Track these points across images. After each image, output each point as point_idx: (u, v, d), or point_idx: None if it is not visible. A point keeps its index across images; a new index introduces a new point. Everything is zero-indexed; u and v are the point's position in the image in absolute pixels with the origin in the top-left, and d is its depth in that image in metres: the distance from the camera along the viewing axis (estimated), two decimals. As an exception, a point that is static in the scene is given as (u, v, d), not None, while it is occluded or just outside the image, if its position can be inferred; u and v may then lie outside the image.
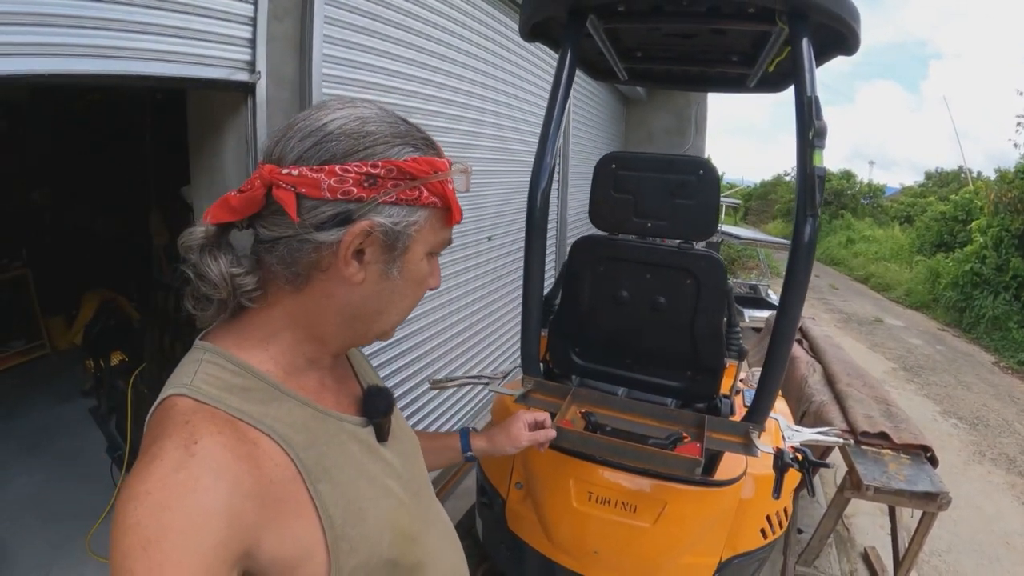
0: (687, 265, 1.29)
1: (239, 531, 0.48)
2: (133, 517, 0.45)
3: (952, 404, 5.21)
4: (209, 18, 1.45)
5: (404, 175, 0.57)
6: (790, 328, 1.11)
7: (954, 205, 11.46)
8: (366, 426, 0.69)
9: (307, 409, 0.61)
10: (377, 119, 0.59)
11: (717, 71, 2.00)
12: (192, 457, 0.48)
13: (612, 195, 1.35)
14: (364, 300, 0.61)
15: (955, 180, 17.67)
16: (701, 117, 7.21)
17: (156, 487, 0.46)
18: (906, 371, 6.11)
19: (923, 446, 2.27)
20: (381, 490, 0.66)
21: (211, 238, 0.58)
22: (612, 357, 1.44)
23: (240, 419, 0.54)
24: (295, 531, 0.54)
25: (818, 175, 0.99)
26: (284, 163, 0.56)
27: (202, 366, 0.57)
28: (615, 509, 1.33)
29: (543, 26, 1.48)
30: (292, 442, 0.57)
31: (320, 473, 0.58)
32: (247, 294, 0.59)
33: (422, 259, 0.63)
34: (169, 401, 0.54)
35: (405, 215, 0.59)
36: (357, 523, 0.60)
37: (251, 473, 0.51)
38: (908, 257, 12.06)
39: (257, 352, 0.60)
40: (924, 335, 7.93)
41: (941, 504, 1.99)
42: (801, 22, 1.10)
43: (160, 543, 0.44)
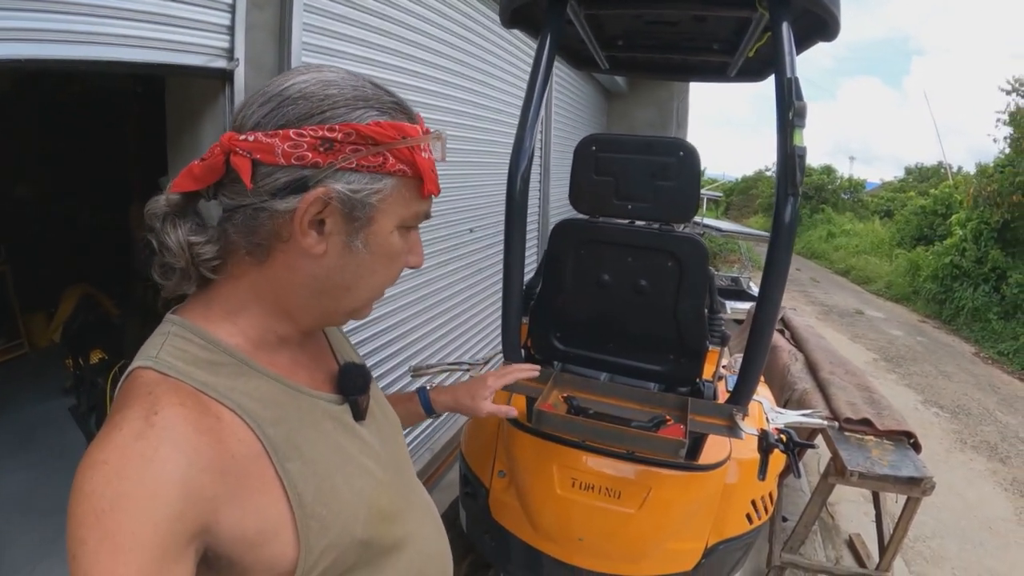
0: (669, 247, 1.29)
1: (196, 504, 0.47)
2: (89, 485, 0.44)
3: (933, 394, 5.30)
4: (187, 4, 1.42)
5: (365, 140, 0.54)
6: (773, 309, 1.11)
7: (934, 199, 11.70)
8: (342, 403, 0.67)
9: (277, 385, 0.59)
10: (341, 83, 0.56)
11: (698, 60, 2.00)
12: (151, 428, 0.47)
13: (593, 178, 1.34)
14: (328, 274, 0.59)
15: (935, 175, 17.97)
16: (683, 110, 7.24)
17: (113, 456, 0.45)
18: (887, 362, 6.21)
19: (906, 432, 2.29)
20: (356, 468, 0.64)
21: (174, 206, 0.57)
22: (594, 342, 1.43)
23: (204, 392, 0.53)
24: (259, 508, 0.53)
25: (799, 154, 0.99)
26: (244, 130, 0.55)
27: (169, 339, 0.56)
28: (599, 495, 1.32)
29: (523, 12, 1.46)
30: (259, 418, 0.55)
31: (289, 450, 0.57)
32: (206, 263, 0.57)
33: (391, 232, 0.60)
34: (135, 373, 0.53)
35: (367, 183, 0.55)
36: (329, 501, 0.58)
37: (212, 447, 0.50)
38: (888, 250, 12.27)
39: (226, 326, 0.59)
40: (905, 326, 8.07)
41: (925, 489, 2.01)
42: (782, 6, 1.10)
43: (113, 512, 0.43)
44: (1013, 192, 7.71)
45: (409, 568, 0.69)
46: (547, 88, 1.23)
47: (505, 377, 1.09)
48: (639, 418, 1.18)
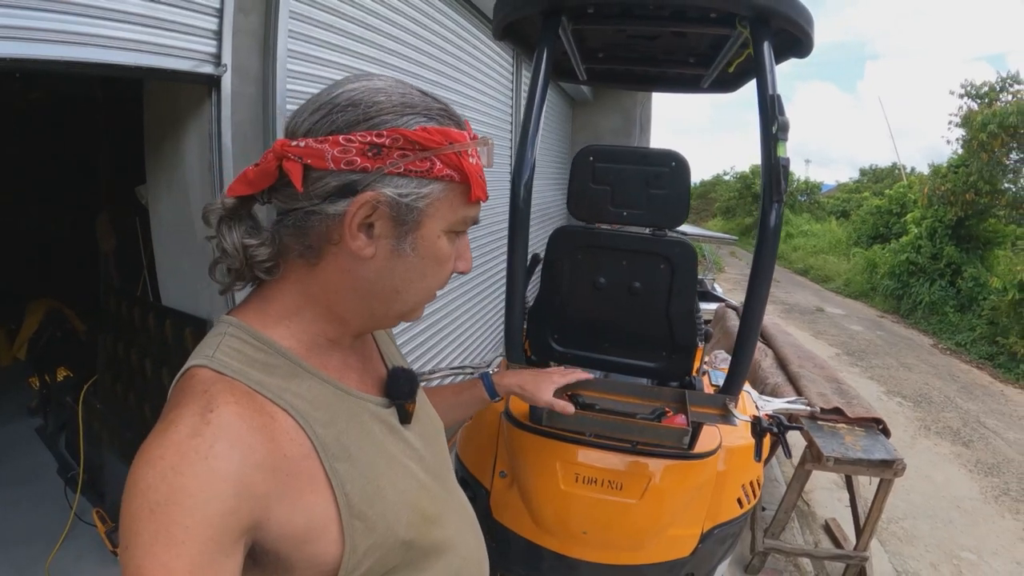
0: (662, 251, 1.36)
1: (249, 501, 0.48)
2: (144, 481, 0.45)
3: (896, 384, 5.53)
4: (174, 7, 1.40)
5: (412, 145, 0.55)
6: (759, 305, 1.19)
7: (889, 199, 12.16)
8: (389, 407, 0.69)
9: (328, 387, 0.61)
10: (389, 90, 0.58)
11: (674, 72, 2.09)
12: (207, 425, 0.49)
13: (590, 186, 1.40)
14: (378, 277, 0.60)
15: (889, 176, 18.74)
16: (646, 118, 7.41)
17: (169, 452, 0.47)
18: (849, 356, 6.45)
19: (875, 419, 2.42)
20: (401, 471, 0.66)
21: (229, 210, 0.59)
22: (590, 341, 1.49)
23: (259, 392, 0.55)
24: (308, 507, 0.54)
25: (783, 164, 1.08)
26: (296, 136, 0.57)
27: (224, 339, 0.58)
28: (602, 488, 1.37)
29: (515, 27, 1.52)
30: (310, 418, 0.57)
31: (338, 451, 0.58)
32: (261, 265, 0.59)
33: (439, 236, 0.61)
34: (190, 372, 0.55)
35: (415, 187, 0.57)
36: (375, 502, 0.60)
37: (265, 445, 0.51)
38: (846, 249, 12.70)
39: (279, 328, 0.60)
40: (864, 322, 8.40)
41: (897, 470, 2.13)
42: (763, 27, 1.18)
43: (167, 506, 0.44)
44: (966, 191, 8.13)
45: (448, 571, 0.70)
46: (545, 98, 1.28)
47: (569, 376, 1.15)
48: (641, 411, 1.23)
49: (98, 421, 2.52)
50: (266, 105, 1.78)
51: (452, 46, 3.14)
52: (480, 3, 3.21)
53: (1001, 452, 4.16)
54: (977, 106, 8.32)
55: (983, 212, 8.34)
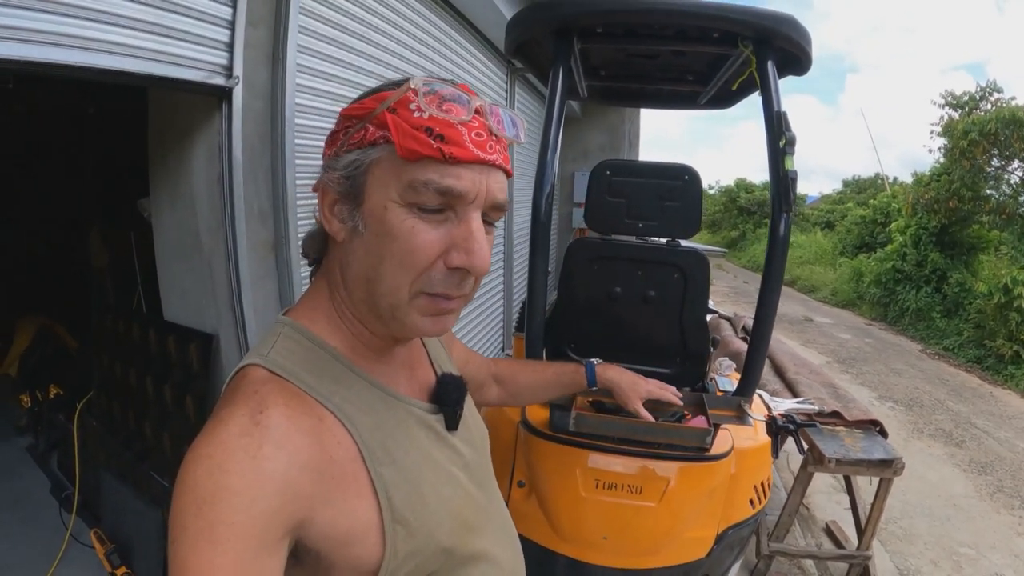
0: (676, 261, 1.40)
1: (294, 501, 0.49)
2: (192, 477, 0.46)
3: (887, 389, 5.61)
4: (186, 17, 1.38)
5: (351, 120, 0.56)
6: (771, 310, 1.24)
7: (873, 209, 12.29)
8: (436, 413, 0.68)
9: (376, 391, 0.61)
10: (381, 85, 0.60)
11: (671, 89, 2.15)
12: (256, 426, 0.49)
13: (607, 199, 1.45)
14: (350, 264, 0.59)
15: (872, 186, 19.05)
16: (634, 133, 7.50)
17: (218, 450, 0.47)
18: (840, 363, 6.52)
19: (872, 420, 2.47)
20: (445, 478, 0.65)
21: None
22: (606, 350, 1.51)
23: (309, 394, 0.55)
24: (351, 510, 0.54)
25: (791, 177, 1.13)
26: None
27: (280, 340, 0.58)
28: (622, 492, 1.39)
29: (526, 47, 1.57)
30: (357, 423, 0.57)
31: (383, 456, 0.58)
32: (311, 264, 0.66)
33: (386, 208, 0.53)
34: (245, 370, 0.56)
35: (354, 158, 0.55)
36: (417, 509, 0.59)
37: (312, 447, 0.52)
38: (832, 259, 12.83)
39: (331, 330, 0.61)
40: (853, 330, 8.50)
41: (896, 469, 2.18)
42: (766, 47, 1.23)
43: (214, 504, 0.44)
44: (949, 198, 8.27)
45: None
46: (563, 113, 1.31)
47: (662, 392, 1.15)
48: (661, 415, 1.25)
49: (93, 440, 2.47)
50: (274, 119, 1.77)
51: (451, 63, 3.19)
52: (479, 23, 3.27)
53: (993, 451, 4.25)
54: (958, 115, 8.50)
55: (966, 218, 8.50)
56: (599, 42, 1.52)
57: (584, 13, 1.31)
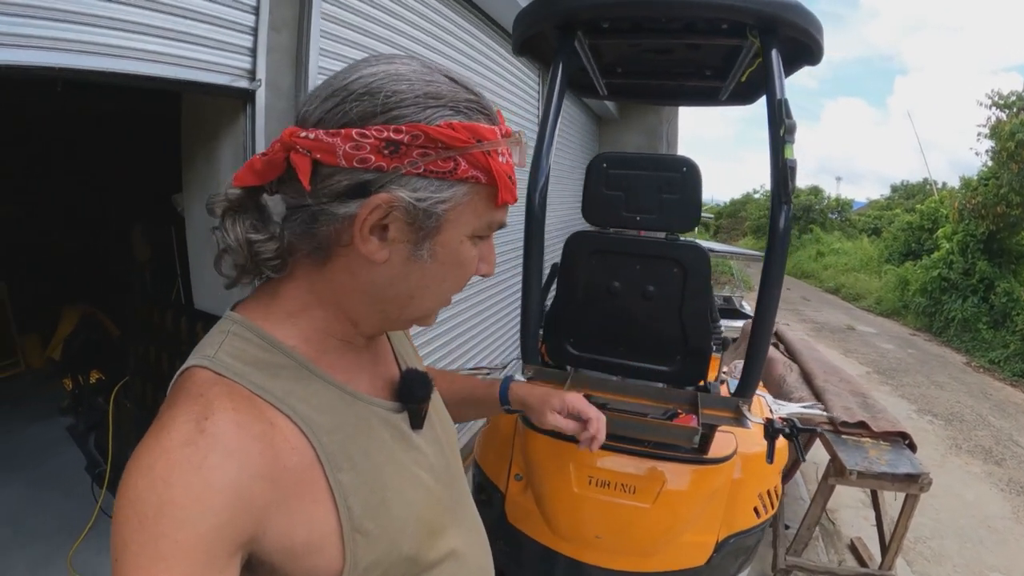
0: (674, 255, 1.38)
1: (245, 513, 0.45)
2: (134, 490, 0.43)
3: (927, 403, 5.38)
4: (212, 25, 1.48)
5: (435, 143, 0.49)
6: (771, 308, 1.20)
7: (920, 215, 11.86)
8: (400, 411, 0.65)
9: (335, 391, 0.57)
10: (413, 76, 0.51)
11: (692, 85, 2.12)
12: (201, 434, 0.45)
13: (604, 192, 1.43)
14: (391, 282, 0.55)
15: (920, 191, 18.28)
16: (672, 135, 7.43)
17: (160, 461, 0.44)
18: (880, 374, 6.30)
19: (901, 433, 2.36)
20: (409, 480, 0.62)
21: (234, 201, 0.54)
22: (606, 346, 1.51)
23: (260, 396, 0.51)
24: (308, 519, 0.51)
25: (790, 166, 1.10)
26: (306, 125, 0.51)
27: (228, 338, 0.54)
28: (615, 491, 1.38)
29: (532, 42, 1.57)
30: (314, 425, 0.53)
31: (342, 460, 0.54)
32: (267, 263, 0.55)
33: (461, 242, 0.55)
34: (189, 372, 0.51)
35: (435, 190, 0.51)
36: (379, 516, 0.56)
37: (264, 454, 0.48)
38: (877, 267, 12.43)
39: (286, 327, 0.56)
40: (896, 340, 8.18)
41: (923, 485, 2.08)
42: (770, 35, 1.21)
43: (158, 519, 0.42)
44: (997, 203, 7.88)
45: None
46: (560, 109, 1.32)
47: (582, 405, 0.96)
48: (653, 412, 1.24)
49: (128, 421, 2.61)
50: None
51: (479, 65, 3.23)
52: (504, 22, 3.30)
53: (1034, 471, 4.01)
54: (1006, 116, 8.04)
55: (1015, 225, 8.05)
56: (606, 37, 1.52)
57: (584, 7, 1.31)
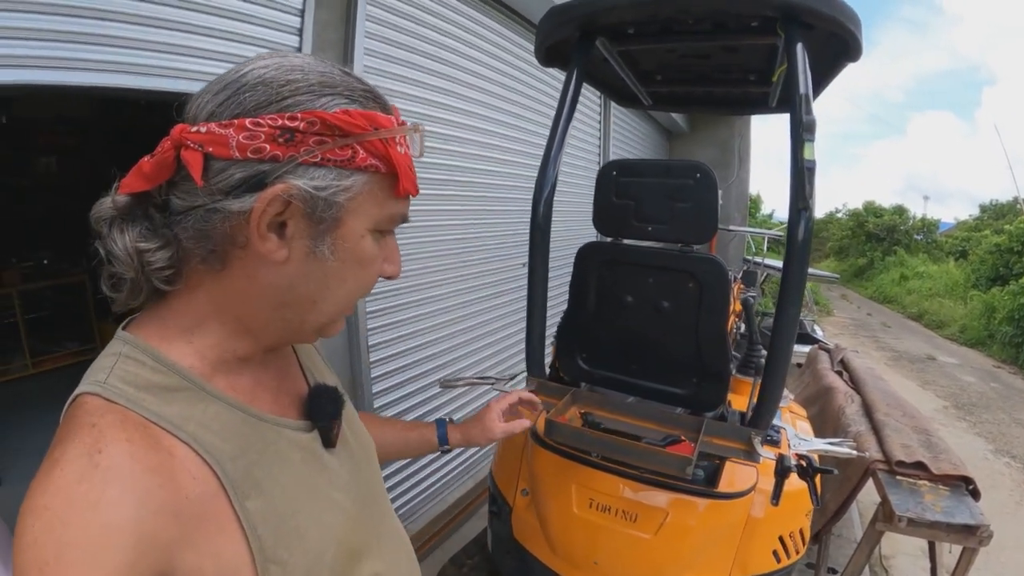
0: (688, 268, 1.29)
1: (149, 551, 0.43)
2: (30, 534, 0.40)
3: (1006, 442, 4.92)
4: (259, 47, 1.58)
5: (331, 130, 0.48)
6: (790, 326, 1.10)
7: (1009, 236, 10.94)
8: (310, 431, 0.61)
9: (238, 413, 0.54)
10: (306, 67, 0.50)
11: (739, 92, 2.02)
12: (95, 468, 0.43)
13: (614, 201, 1.37)
14: (292, 284, 0.52)
15: (1011, 211, 16.85)
16: (745, 148, 7.20)
17: (55, 501, 0.41)
18: (958, 409, 5.81)
19: (964, 477, 2.13)
20: (325, 503, 0.59)
21: (122, 209, 0.51)
22: (618, 363, 1.44)
23: (156, 423, 0.48)
24: (216, 551, 0.48)
25: (808, 167, 1.01)
26: (197, 121, 0.49)
27: (119, 361, 0.50)
28: (615, 517, 1.30)
29: (557, 50, 1.54)
30: (216, 452, 0.50)
31: (249, 488, 0.52)
32: (158, 273, 0.51)
33: (363, 236, 0.53)
34: (79, 400, 0.48)
35: (334, 179, 0.49)
36: (292, 543, 0.53)
37: (164, 487, 0.45)
38: (963, 292, 11.55)
39: (180, 345, 0.53)
40: (978, 372, 7.54)
41: (982, 538, 1.85)
42: (795, 27, 1.13)
43: (58, 564, 0.39)
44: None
45: None
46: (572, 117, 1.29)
47: (505, 400, 1.08)
48: (652, 436, 1.17)
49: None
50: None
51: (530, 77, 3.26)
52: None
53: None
54: None
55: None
56: (631, 43, 1.46)
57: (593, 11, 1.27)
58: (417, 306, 2.50)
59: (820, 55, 1.37)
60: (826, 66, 1.45)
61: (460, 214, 2.75)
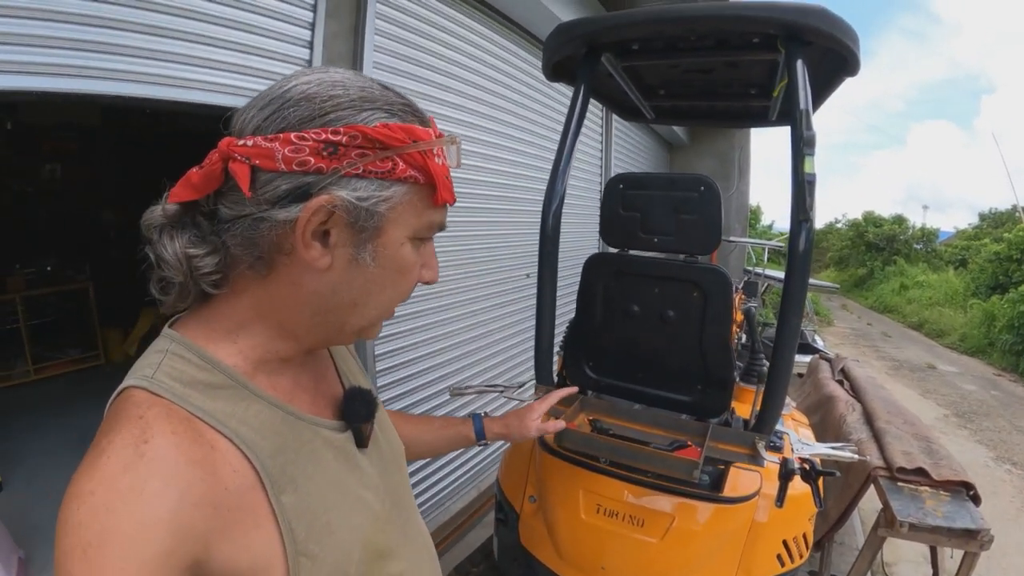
0: (693, 278, 1.33)
1: (187, 540, 0.45)
2: (76, 517, 0.42)
3: (1007, 450, 4.94)
4: (269, 59, 1.62)
5: (373, 143, 0.51)
6: (791, 336, 1.13)
7: (1008, 244, 10.98)
8: (344, 431, 0.64)
9: (277, 412, 0.57)
10: (347, 83, 0.53)
11: (740, 105, 2.06)
12: (141, 458, 0.45)
13: (620, 213, 1.41)
14: (334, 290, 0.55)
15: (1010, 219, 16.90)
16: (744, 160, 7.26)
17: (101, 487, 0.43)
18: (959, 417, 5.83)
19: (964, 483, 2.15)
20: (354, 502, 0.61)
21: (172, 217, 0.54)
22: (625, 371, 1.47)
23: (200, 418, 0.50)
24: (251, 543, 0.50)
25: (808, 180, 1.05)
26: (243, 135, 0.52)
27: (167, 358, 0.53)
28: (622, 522, 1.33)
29: (563, 66, 1.58)
30: (256, 447, 0.53)
31: (285, 483, 0.54)
32: (206, 277, 0.54)
33: (403, 244, 0.56)
34: (127, 392, 0.51)
35: (375, 190, 0.52)
36: (322, 538, 0.55)
37: (205, 480, 0.48)
38: (963, 301, 11.56)
39: (225, 345, 0.56)
40: (979, 380, 7.56)
41: (983, 542, 1.88)
42: (796, 44, 1.17)
43: (101, 547, 0.41)
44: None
45: None
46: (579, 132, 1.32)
47: (547, 401, 1.14)
48: (659, 442, 1.19)
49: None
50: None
51: (536, 91, 3.32)
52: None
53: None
54: None
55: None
56: (637, 59, 1.51)
57: (600, 29, 1.32)
58: (422, 316, 2.54)
59: (819, 70, 1.42)
60: (825, 80, 1.49)
61: (467, 225, 2.80)
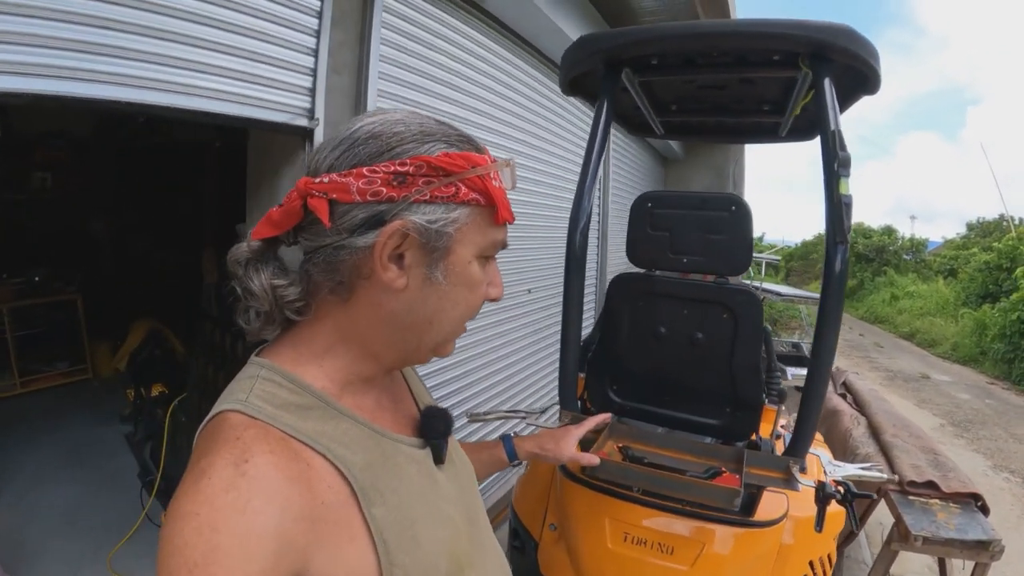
0: (723, 300, 1.31)
1: (288, 555, 0.47)
2: (180, 538, 0.44)
3: (1004, 458, 4.98)
4: (274, 66, 1.58)
5: (436, 171, 0.55)
6: (827, 357, 1.12)
7: (998, 253, 11.12)
8: (423, 448, 0.67)
9: (364, 429, 0.60)
10: (408, 120, 0.58)
11: (750, 121, 2.06)
12: (242, 477, 0.47)
13: (648, 232, 1.39)
14: (411, 308, 0.59)
15: (997, 229, 17.14)
16: (739, 174, 7.32)
17: (204, 508, 0.45)
18: (955, 426, 5.87)
19: (973, 494, 2.17)
20: (437, 515, 0.64)
21: (256, 252, 0.59)
22: (651, 395, 1.45)
23: (294, 437, 0.53)
24: (347, 555, 0.53)
25: (845, 202, 1.04)
26: (318, 174, 0.56)
27: (258, 383, 0.56)
28: (651, 551, 1.30)
29: (580, 81, 1.56)
30: (348, 463, 0.56)
31: (375, 496, 0.56)
32: (291, 305, 0.58)
33: (470, 262, 0.60)
34: (221, 416, 0.53)
35: (442, 213, 0.56)
36: (411, 549, 0.58)
37: (303, 495, 0.50)
38: (954, 310, 11.67)
39: (312, 368, 0.59)
40: (972, 389, 7.62)
41: (994, 553, 1.88)
42: (822, 63, 1.16)
43: (207, 566, 0.43)
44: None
45: None
46: (605, 151, 1.30)
47: (584, 427, 1.14)
48: (694, 469, 1.18)
49: (182, 434, 2.72)
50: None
51: (538, 106, 3.30)
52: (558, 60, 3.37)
53: (1123, 539, 3.56)
54: None
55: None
56: (655, 74, 1.50)
57: (624, 44, 1.30)
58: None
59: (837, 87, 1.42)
60: (842, 98, 1.49)
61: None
